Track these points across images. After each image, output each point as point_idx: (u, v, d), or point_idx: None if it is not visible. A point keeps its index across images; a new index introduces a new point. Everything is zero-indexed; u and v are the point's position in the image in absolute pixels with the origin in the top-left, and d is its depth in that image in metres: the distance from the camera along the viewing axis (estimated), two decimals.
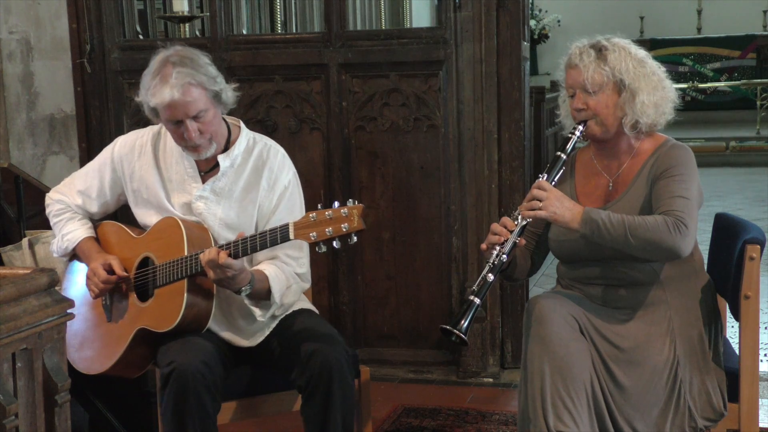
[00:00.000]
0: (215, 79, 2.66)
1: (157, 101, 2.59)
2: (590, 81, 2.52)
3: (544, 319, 2.48)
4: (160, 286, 2.63)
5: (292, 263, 2.71)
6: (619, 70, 2.52)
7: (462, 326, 2.40)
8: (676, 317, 2.52)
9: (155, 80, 2.60)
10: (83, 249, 2.83)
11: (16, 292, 1.85)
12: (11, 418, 1.80)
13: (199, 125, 2.62)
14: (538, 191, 2.47)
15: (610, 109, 2.53)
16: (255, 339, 2.75)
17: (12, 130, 4.31)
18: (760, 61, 12.48)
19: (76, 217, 2.88)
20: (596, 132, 2.57)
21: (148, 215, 2.79)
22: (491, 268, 2.47)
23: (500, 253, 2.48)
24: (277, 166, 2.78)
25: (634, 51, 2.57)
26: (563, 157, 2.56)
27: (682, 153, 2.55)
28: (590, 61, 2.52)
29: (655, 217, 2.41)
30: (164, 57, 2.64)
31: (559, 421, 2.37)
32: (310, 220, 2.37)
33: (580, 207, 2.46)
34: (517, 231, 2.49)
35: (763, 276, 2.80)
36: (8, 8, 4.28)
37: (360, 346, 4.07)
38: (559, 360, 2.42)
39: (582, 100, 2.55)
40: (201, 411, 2.50)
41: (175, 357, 2.51)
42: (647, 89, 2.53)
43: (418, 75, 3.98)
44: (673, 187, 2.46)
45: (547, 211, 2.45)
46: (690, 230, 2.40)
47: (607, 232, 2.41)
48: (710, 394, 2.50)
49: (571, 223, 2.44)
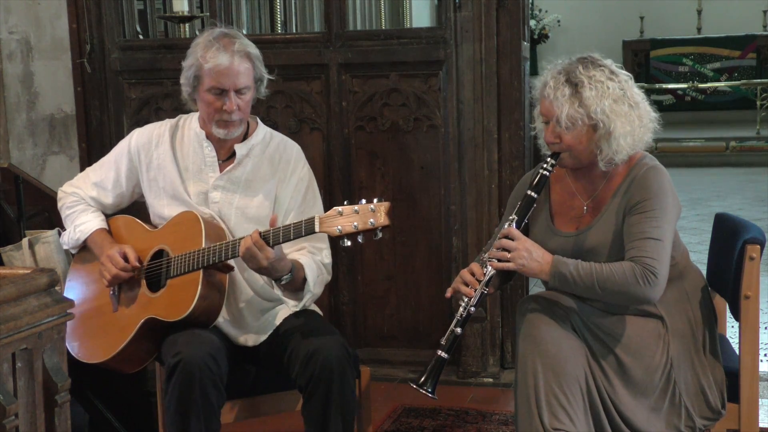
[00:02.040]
0: (262, 62, 2.78)
1: (214, 63, 2.65)
2: (563, 120, 2.45)
3: (534, 319, 2.48)
4: (174, 277, 2.64)
5: (318, 254, 2.74)
6: (594, 112, 2.42)
7: (428, 386, 2.42)
8: (668, 319, 2.52)
9: (215, 46, 2.67)
10: (96, 240, 2.83)
11: (16, 292, 1.85)
12: (11, 418, 1.80)
13: (239, 101, 2.68)
14: (506, 241, 2.44)
15: (583, 144, 2.47)
16: (259, 338, 2.75)
17: (12, 130, 4.31)
18: (760, 61, 12.47)
19: (90, 209, 2.89)
20: (569, 164, 2.54)
21: (163, 205, 2.80)
22: (459, 321, 2.46)
23: (468, 305, 2.47)
24: (294, 159, 2.83)
25: (612, 86, 2.45)
26: (535, 196, 2.52)
27: (656, 180, 2.47)
28: (564, 101, 2.44)
29: (623, 267, 2.38)
30: (220, 31, 2.74)
31: (554, 419, 2.37)
32: (336, 214, 2.39)
33: (549, 257, 2.43)
34: (484, 281, 2.48)
35: (763, 276, 2.81)
36: (8, 8, 4.28)
37: (360, 346, 4.07)
38: (552, 358, 2.42)
39: (555, 132, 2.48)
40: (206, 404, 2.50)
41: (182, 348, 2.51)
42: (622, 129, 2.44)
43: (418, 75, 3.98)
44: (644, 226, 2.41)
45: (516, 263, 2.43)
46: (659, 278, 2.38)
47: (575, 285, 2.41)
48: (707, 394, 2.50)
49: (539, 275, 2.45)
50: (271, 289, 2.74)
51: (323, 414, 2.56)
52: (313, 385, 2.56)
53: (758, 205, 7.95)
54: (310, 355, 2.56)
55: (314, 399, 2.57)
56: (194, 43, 2.75)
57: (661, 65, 12.56)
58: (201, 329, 2.60)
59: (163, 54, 4.22)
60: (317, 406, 2.56)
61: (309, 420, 2.60)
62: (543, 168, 2.52)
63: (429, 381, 2.43)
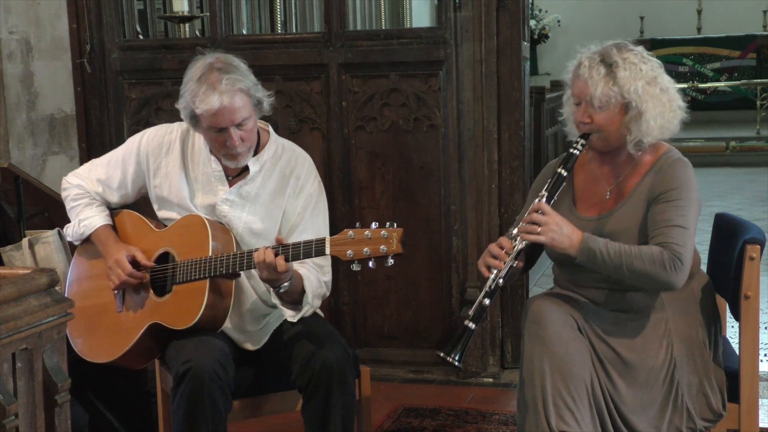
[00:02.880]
0: (257, 86, 2.68)
1: (205, 108, 2.57)
2: (597, 98, 2.47)
3: (542, 320, 2.48)
4: (180, 283, 2.63)
5: (319, 271, 2.72)
6: (627, 91, 2.46)
7: (456, 355, 2.41)
8: (673, 320, 2.52)
9: (202, 87, 2.58)
10: (100, 237, 2.81)
11: (16, 292, 1.85)
12: (11, 418, 1.80)
13: (241, 133, 2.62)
14: (537, 216, 2.45)
15: (614, 126, 2.50)
16: (260, 342, 2.76)
17: (12, 130, 4.31)
18: (760, 61, 12.48)
19: (94, 204, 2.86)
20: (598, 146, 2.55)
21: (167, 213, 2.79)
22: (488, 293, 2.46)
23: (497, 277, 2.47)
24: (304, 174, 2.78)
25: (645, 68, 2.50)
26: (564, 174, 2.54)
27: (682, 172, 2.50)
28: (599, 78, 2.47)
29: (651, 250, 2.39)
30: (208, 64, 2.62)
31: (561, 421, 2.37)
32: (348, 237, 2.38)
33: (579, 234, 2.44)
34: (513, 255, 2.48)
35: (763, 276, 2.80)
36: (8, 8, 4.27)
37: (360, 346, 4.07)
38: (559, 360, 2.42)
39: (587, 113, 2.51)
40: (214, 411, 2.50)
41: (191, 356, 2.50)
42: (654, 111, 2.48)
43: (418, 75, 3.98)
44: (670, 214, 2.44)
45: (546, 236, 2.44)
46: (685, 265, 2.40)
47: (603, 262, 2.41)
48: (709, 396, 2.50)
49: (569, 249, 2.44)
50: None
51: (323, 415, 2.56)
52: (313, 386, 2.56)
53: (758, 205, 7.95)
54: (310, 356, 2.56)
55: (314, 400, 2.56)
56: (184, 80, 2.66)
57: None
58: (208, 334, 2.60)
59: (163, 54, 4.22)
60: (317, 407, 2.56)
61: (309, 421, 2.60)
62: (573, 147, 2.55)
63: (456, 350, 2.40)
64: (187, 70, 2.68)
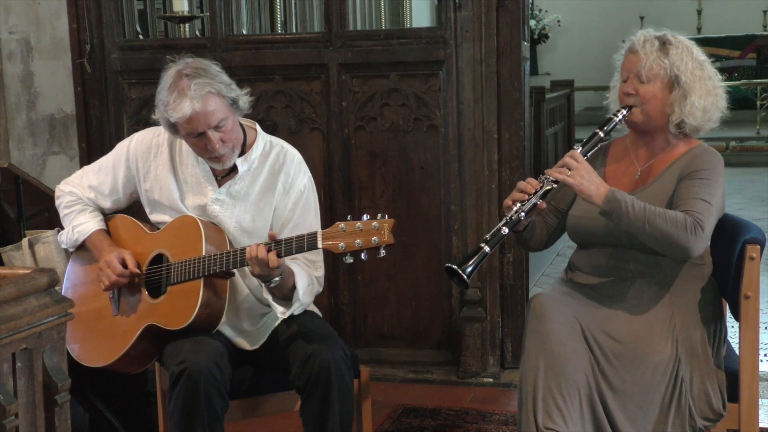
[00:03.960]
0: (230, 86, 2.66)
1: (178, 116, 2.57)
2: (647, 69, 2.55)
3: (543, 317, 2.49)
4: (175, 284, 2.63)
5: (311, 266, 2.72)
6: (677, 67, 2.54)
7: (467, 269, 2.39)
8: (679, 317, 2.53)
9: (173, 95, 2.58)
10: (94, 241, 2.82)
11: (16, 292, 1.85)
12: (11, 418, 1.80)
13: (221, 135, 2.62)
14: (570, 160, 2.49)
15: (658, 101, 2.56)
16: (257, 341, 2.75)
17: (12, 130, 4.31)
18: (760, 61, 12.48)
19: (88, 209, 2.87)
20: (638, 120, 2.59)
21: (159, 216, 2.80)
22: (507, 222, 2.49)
23: (519, 210, 2.49)
24: (294, 171, 2.78)
25: (696, 52, 2.59)
26: (601, 135, 2.59)
27: (713, 158, 2.57)
28: (652, 51, 2.55)
29: (675, 213, 2.43)
30: (177, 71, 2.62)
31: (548, 419, 2.38)
32: (339, 230, 2.38)
33: (606, 186, 2.47)
34: (540, 192, 2.51)
35: (763, 276, 2.80)
36: (8, 8, 4.27)
37: (360, 346, 4.07)
38: (554, 358, 2.43)
39: (633, 85, 2.57)
40: (210, 412, 2.49)
41: (186, 356, 2.50)
42: (700, 92, 2.55)
43: (418, 75, 3.98)
44: (697, 189, 2.48)
45: (575, 180, 2.46)
46: (705, 233, 2.43)
47: (627, 214, 2.42)
48: (710, 396, 2.51)
49: (595, 197, 2.45)
50: None
51: (321, 415, 2.56)
52: (310, 386, 2.55)
53: (758, 205, 7.95)
54: (308, 357, 2.56)
55: (312, 400, 2.56)
56: (157, 90, 2.66)
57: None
58: (204, 334, 2.60)
59: (163, 54, 4.16)
60: (315, 407, 2.56)
61: (307, 421, 2.60)
62: (614, 114, 2.60)
63: (468, 264, 2.40)
64: (159, 80, 2.67)
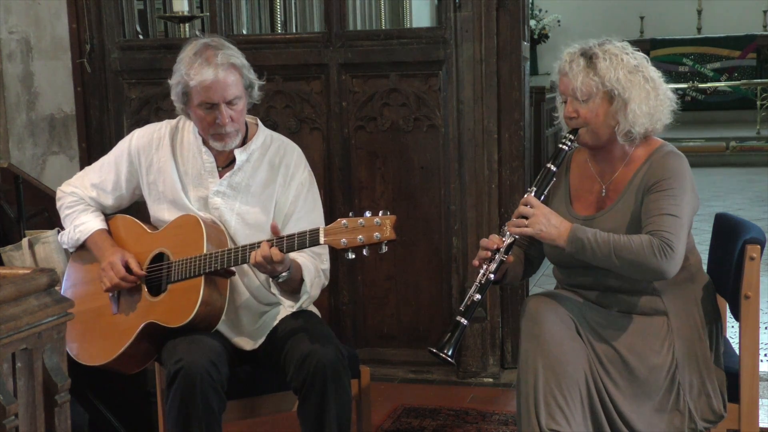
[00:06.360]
0: (251, 69, 2.73)
1: (199, 80, 2.61)
2: (580, 90, 2.49)
3: (538, 318, 2.48)
4: (175, 282, 2.63)
5: (317, 259, 2.73)
6: (608, 79, 2.47)
7: (449, 350, 2.41)
8: (675, 321, 2.52)
9: (197, 60, 2.63)
10: (96, 241, 2.82)
11: (16, 292, 1.85)
12: (11, 418, 1.80)
13: (231, 113, 2.65)
14: (524, 209, 2.47)
15: (600, 117, 2.51)
16: (256, 342, 2.75)
17: (12, 130, 4.31)
18: (760, 61, 12.48)
19: (89, 210, 2.87)
20: (588, 141, 2.55)
21: (162, 210, 2.79)
22: (478, 287, 2.47)
23: (487, 272, 2.48)
24: (294, 163, 2.80)
25: (626, 58, 2.51)
26: (553, 169, 2.55)
27: (675, 163, 2.50)
28: (579, 70, 2.49)
29: (641, 239, 2.39)
30: (202, 42, 2.69)
31: (551, 420, 2.37)
32: (342, 226, 2.39)
33: (567, 225, 2.45)
34: (503, 249, 2.50)
35: (763, 276, 2.80)
36: (8, 8, 4.28)
37: (360, 346, 4.07)
38: (553, 359, 2.42)
39: (573, 108, 2.53)
40: (207, 411, 2.49)
41: (183, 355, 2.50)
42: (639, 98, 2.49)
43: (418, 75, 3.98)
44: (663, 203, 2.43)
45: (534, 228, 2.44)
46: (676, 252, 2.38)
47: (592, 251, 2.41)
48: (710, 397, 2.50)
49: (557, 240, 2.44)
50: (268, 293, 2.73)
51: (319, 416, 2.56)
52: (307, 387, 2.55)
53: (758, 205, 7.96)
54: (304, 357, 2.55)
55: (309, 401, 2.56)
56: (178, 58, 2.71)
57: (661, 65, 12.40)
58: (202, 334, 2.60)
59: (163, 54, 4.21)
60: (312, 408, 2.56)
61: (305, 421, 2.59)
62: (561, 142, 2.56)
63: (448, 345, 2.40)
64: (181, 50, 2.72)
